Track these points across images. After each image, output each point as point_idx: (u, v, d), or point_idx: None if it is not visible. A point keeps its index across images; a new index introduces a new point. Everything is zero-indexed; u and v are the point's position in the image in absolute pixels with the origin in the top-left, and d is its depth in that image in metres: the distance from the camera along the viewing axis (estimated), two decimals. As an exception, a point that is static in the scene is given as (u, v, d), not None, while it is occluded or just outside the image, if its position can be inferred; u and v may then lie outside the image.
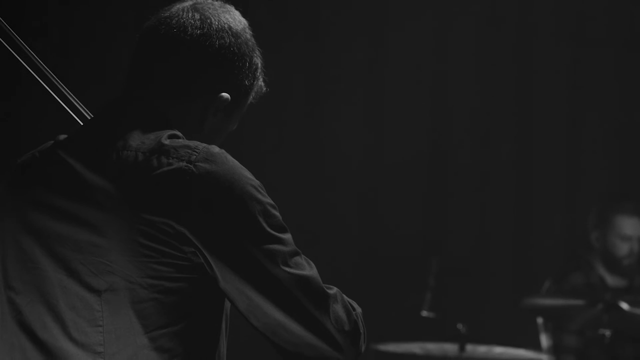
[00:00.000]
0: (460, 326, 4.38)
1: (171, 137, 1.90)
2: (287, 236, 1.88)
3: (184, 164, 1.83)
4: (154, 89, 1.97)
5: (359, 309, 2.02)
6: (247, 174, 1.87)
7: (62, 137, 1.97)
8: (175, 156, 1.84)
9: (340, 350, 1.91)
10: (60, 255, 1.86)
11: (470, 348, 4.41)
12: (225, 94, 1.98)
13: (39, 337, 1.84)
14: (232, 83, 2.00)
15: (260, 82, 2.07)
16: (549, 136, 6.02)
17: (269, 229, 1.85)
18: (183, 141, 1.89)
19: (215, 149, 1.87)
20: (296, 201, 5.60)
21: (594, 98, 6.03)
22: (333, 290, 1.93)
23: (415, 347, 4.59)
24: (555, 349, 4.92)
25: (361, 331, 1.97)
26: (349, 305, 1.96)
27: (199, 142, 1.88)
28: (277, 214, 1.88)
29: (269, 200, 1.87)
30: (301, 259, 1.88)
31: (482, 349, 4.48)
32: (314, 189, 5.73)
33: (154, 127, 1.92)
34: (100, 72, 4.93)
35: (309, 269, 1.89)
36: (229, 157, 1.87)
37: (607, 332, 4.36)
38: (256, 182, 1.87)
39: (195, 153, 1.85)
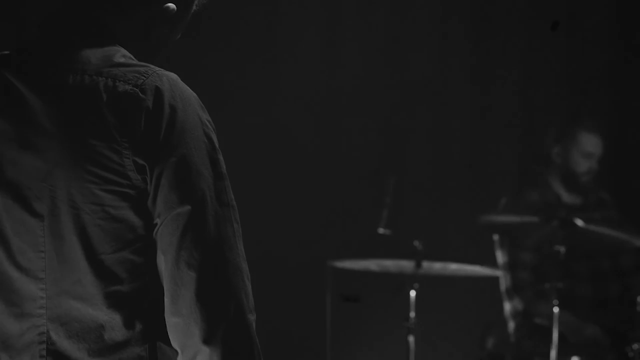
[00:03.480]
0: (416, 243, 4.39)
1: (119, 57, 1.84)
2: (227, 183, 1.83)
3: (131, 87, 1.78)
4: (97, 1, 1.90)
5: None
6: (196, 101, 1.83)
7: (4, 53, 1.91)
8: (122, 79, 1.79)
9: (212, 341, 1.78)
10: (9, 179, 1.81)
11: (426, 265, 4.42)
12: (171, 5, 1.93)
13: None
14: None
15: None
16: (506, 53, 6.01)
17: (210, 164, 1.81)
18: (133, 63, 1.83)
19: (165, 74, 1.82)
20: (254, 124, 5.58)
21: (553, 14, 6.01)
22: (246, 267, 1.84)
23: (372, 264, 4.60)
24: (510, 266, 4.95)
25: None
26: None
27: (149, 66, 1.83)
28: (221, 157, 1.83)
29: (214, 137, 1.83)
30: (234, 214, 1.82)
31: (437, 266, 4.50)
32: (272, 111, 5.70)
33: (100, 43, 1.86)
34: None
35: (236, 235, 1.82)
36: (180, 83, 1.83)
37: (562, 249, 4.38)
38: (205, 115, 1.83)
39: (143, 77, 1.79)
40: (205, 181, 1.79)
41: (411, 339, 4.41)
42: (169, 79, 1.81)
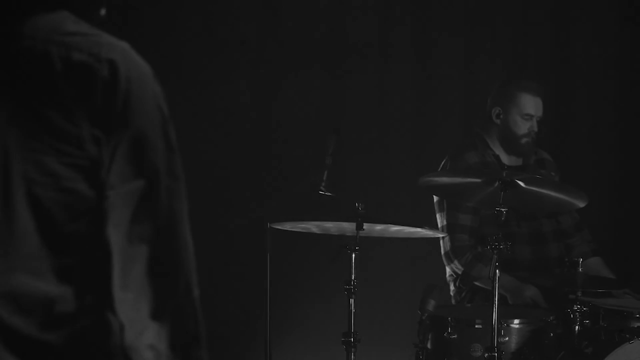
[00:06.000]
0: (358, 205, 4.34)
1: (71, 25, 1.78)
2: (178, 155, 1.81)
3: (86, 57, 1.74)
4: None
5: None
6: (149, 72, 1.80)
7: None
8: (76, 48, 1.74)
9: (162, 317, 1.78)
10: None
11: (367, 227, 4.38)
12: None
13: None
14: None
15: None
16: (448, 15, 6.00)
17: (163, 137, 1.79)
18: (85, 32, 1.78)
19: (118, 44, 1.78)
20: (191, 88, 5.52)
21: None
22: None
23: (312, 226, 4.56)
24: (450, 229, 4.94)
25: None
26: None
27: (102, 35, 1.78)
28: (172, 128, 1.81)
29: (166, 109, 1.81)
30: (184, 187, 1.82)
31: (379, 228, 4.47)
32: (208, 74, 5.65)
33: (45, 6, 1.79)
34: None
35: (185, 209, 1.81)
36: (133, 54, 1.79)
37: (504, 210, 4.36)
38: (157, 87, 1.81)
39: (97, 47, 1.75)
40: (159, 155, 1.78)
41: (352, 301, 4.38)
42: (123, 49, 1.78)
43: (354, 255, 4.36)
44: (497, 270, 4.16)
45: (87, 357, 1.80)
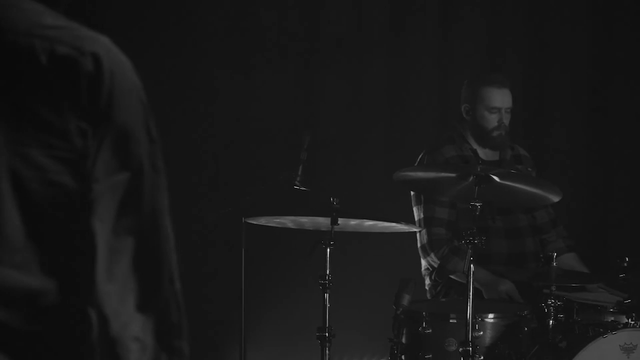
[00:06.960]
0: (333, 200, 4.34)
1: (49, 18, 1.76)
2: (159, 148, 1.82)
3: (69, 50, 1.72)
4: None
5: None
6: (130, 65, 1.80)
7: None
8: (59, 42, 1.73)
9: (151, 308, 1.79)
10: None
11: (342, 221, 4.38)
12: None
13: None
14: None
15: None
16: (425, 8, 6.00)
17: (146, 130, 1.80)
18: (64, 25, 1.76)
19: (98, 38, 1.77)
20: (169, 81, 5.50)
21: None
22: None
23: (287, 221, 4.55)
24: (426, 222, 4.95)
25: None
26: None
27: (81, 28, 1.77)
28: (153, 121, 1.82)
29: (146, 101, 1.81)
30: (165, 180, 1.83)
31: (353, 223, 4.47)
32: (185, 68, 5.64)
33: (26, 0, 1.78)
34: None
35: (166, 202, 1.83)
36: (114, 47, 1.79)
37: (478, 205, 4.37)
38: (137, 80, 1.80)
39: (79, 40, 1.74)
40: (143, 148, 1.78)
41: (326, 296, 4.38)
42: (104, 43, 1.77)
43: (328, 250, 4.36)
44: (472, 265, 4.16)
45: (70, 350, 1.79)
